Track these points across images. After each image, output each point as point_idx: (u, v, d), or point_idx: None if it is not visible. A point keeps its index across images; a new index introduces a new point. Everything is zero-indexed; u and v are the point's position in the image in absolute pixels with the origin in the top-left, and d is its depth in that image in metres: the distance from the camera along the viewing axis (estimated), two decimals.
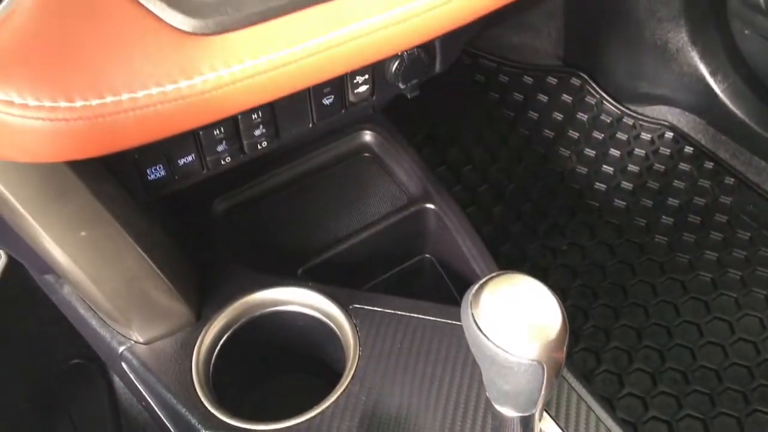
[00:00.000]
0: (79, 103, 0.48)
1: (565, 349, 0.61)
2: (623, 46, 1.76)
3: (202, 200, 1.02)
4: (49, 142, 0.49)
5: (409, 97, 0.93)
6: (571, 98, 1.82)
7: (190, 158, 0.80)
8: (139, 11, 0.49)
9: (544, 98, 1.83)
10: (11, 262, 1.29)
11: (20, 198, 0.66)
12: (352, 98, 0.88)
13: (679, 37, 1.67)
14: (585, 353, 1.36)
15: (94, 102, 0.48)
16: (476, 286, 0.62)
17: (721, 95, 1.66)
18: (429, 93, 0.99)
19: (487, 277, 0.62)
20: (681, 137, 1.73)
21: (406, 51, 0.86)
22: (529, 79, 1.86)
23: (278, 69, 0.53)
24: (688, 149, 1.71)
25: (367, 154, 1.13)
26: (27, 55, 0.47)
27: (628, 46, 1.75)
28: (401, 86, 0.91)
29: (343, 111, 0.90)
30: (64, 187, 0.67)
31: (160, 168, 0.78)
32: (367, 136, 1.13)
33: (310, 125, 0.88)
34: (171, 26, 0.50)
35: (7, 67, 0.46)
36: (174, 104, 0.50)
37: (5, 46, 0.46)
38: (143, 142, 0.52)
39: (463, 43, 0.93)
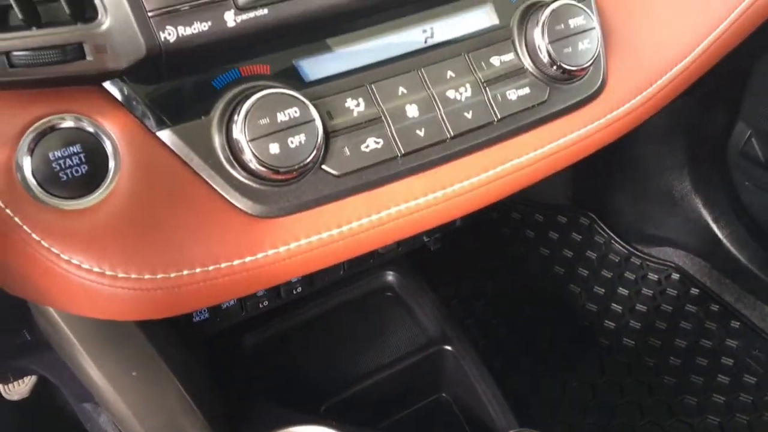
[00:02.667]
0: (159, 276, 0.56)
1: None
2: (630, 191, 1.86)
3: (234, 335, 1.09)
4: (130, 306, 0.56)
5: (431, 249, 1.01)
6: (580, 237, 1.91)
7: (232, 302, 0.88)
8: (217, 198, 0.58)
9: (554, 236, 1.91)
10: (38, 383, 1.34)
11: (81, 339, 0.73)
12: (380, 249, 0.97)
13: (683, 185, 1.77)
14: None
15: (172, 275, 0.56)
16: None
17: (724, 241, 1.74)
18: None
19: None
20: (687, 279, 1.80)
21: None
22: (540, 216, 1.95)
23: (327, 246, 0.62)
24: (694, 291, 1.78)
25: (389, 294, 1.20)
26: (120, 235, 0.55)
27: (634, 191, 1.85)
28: (425, 239, 0.99)
29: (371, 260, 0.98)
30: (123, 332, 0.74)
31: (204, 311, 0.86)
32: (390, 277, 1.21)
33: (341, 272, 0.96)
34: (242, 211, 0.59)
35: (104, 244, 0.55)
36: (238, 276, 0.58)
37: (103, 226, 0.55)
38: (208, 305, 0.60)
39: None
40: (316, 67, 0.63)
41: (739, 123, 1.61)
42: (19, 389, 1.35)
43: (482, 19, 0.69)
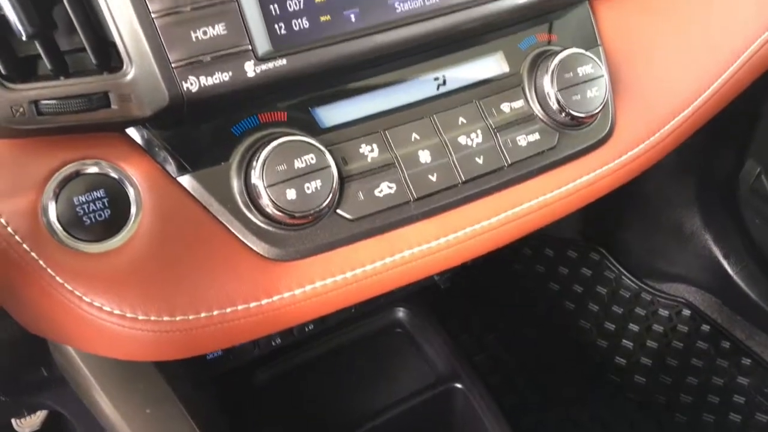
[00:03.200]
0: (178, 318, 0.57)
1: None
2: (640, 226, 1.87)
3: (245, 372, 1.09)
4: (149, 348, 0.58)
5: (442, 287, 1.02)
6: (590, 272, 1.91)
7: None
8: (234, 241, 0.60)
9: (564, 270, 1.92)
10: (49, 417, 1.34)
11: (98, 377, 0.75)
12: None
13: (693, 222, 1.77)
14: None
15: (191, 317, 0.57)
16: None
17: (734, 277, 1.74)
18: None
19: None
20: (698, 315, 1.79)
21: None
22: (551, 251, 1.96)
23: (341, 288, 0.63)
24: (705, 327, 1.77)
25: (399, 330, 1.21)
26: (141, 278, 0.57)
27: (644, 227, 1.85)
28: (436, 278, 1.00)
29: (381, 298, 0.99)
30: (138, 370, 0.75)
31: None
32: (400, 314, 1.21)
33: (353, 310, 0.98)
34: (258, 254, 0.60)
35: (125, 287, 0.56)
36: (254, 318, 0.60)
37: (124, 269, 0.57)
38: (224, 347, 0.61)
39: None
40: (332, 113, 0.65)
41: (749, 160, 1.62)
42: (30, 422, 1.36)
43: (493, 66, 0.71)
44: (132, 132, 0.60)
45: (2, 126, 0.53)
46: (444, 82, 0.70)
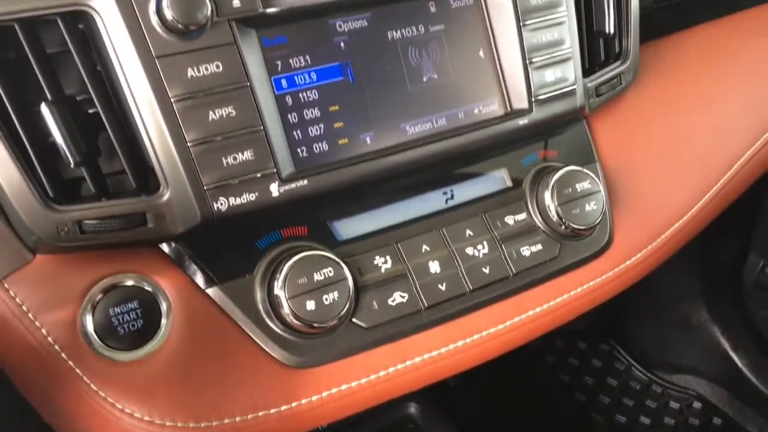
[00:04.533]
0: (203, 424, 0.61)
1: None
2: (648, 318, 1.88)
3: None
4: None
5: (451, 385, 1.05)
6: (600, 363, 1.91)
7: None
8: (256, 349, 0.64)
9: (575, 362, 1.92)
10: None
11: None
12: None
13: (700, 314, 1.78)
14: None
15: (215, 423, 0.61)
16: None
17: (744, 370, 1.74)
18: None
19: None
20: (709, 408, 1.78)
21: None
22: (560, 342, 1.97)
23: (356, 394, 0.66)
24: (717, 420, 1.76)
25: (411, 426, 1.22)
26: (169, 385, 0.61)
27: (652, 319, 1.87)
28: None
29: None
30: None
31: None
32: (412, 408, 1.23)
33: None
34: (278, 361, 0.64)
35: (154, 394, 0.60)
36: (273, 423, 0.63)
37: (153, 377, 0.61)
38: None
39: None
40: (349, 227, 0.70)
41: (751, 253, 1.65)
42: None
43: (497, 181, 0.77)
44: (164, 246, 0.64)
45: (48, 244, 0.58)
46: (452, 197, 0.75)
